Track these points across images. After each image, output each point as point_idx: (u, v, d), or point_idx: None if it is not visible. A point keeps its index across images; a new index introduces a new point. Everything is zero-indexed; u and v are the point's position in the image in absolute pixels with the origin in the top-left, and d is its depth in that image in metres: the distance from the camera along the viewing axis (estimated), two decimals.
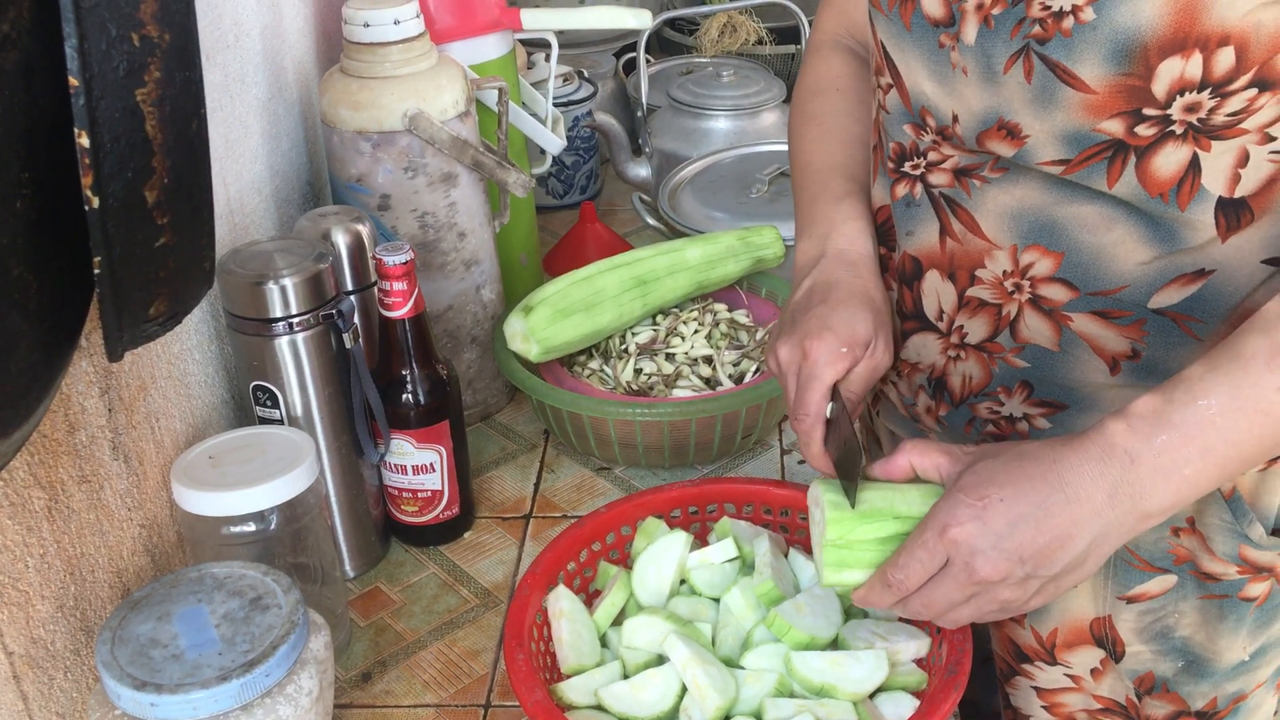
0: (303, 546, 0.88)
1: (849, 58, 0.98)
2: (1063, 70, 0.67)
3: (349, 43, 1.08)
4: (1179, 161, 0.69)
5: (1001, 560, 0.67)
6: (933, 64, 0.75)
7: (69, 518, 0.77)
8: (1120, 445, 0.65)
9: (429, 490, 1.03)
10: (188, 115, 0.54)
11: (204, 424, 0.98)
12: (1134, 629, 0.85)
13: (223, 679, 0.69)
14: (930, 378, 0.87)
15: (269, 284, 0.91)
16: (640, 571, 0.87)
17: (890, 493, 0.75)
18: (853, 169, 0.91)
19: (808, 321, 0.81)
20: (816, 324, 0.81)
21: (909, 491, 0.75)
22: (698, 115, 1.63)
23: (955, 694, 0.74)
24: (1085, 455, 0.66)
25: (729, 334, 1.22)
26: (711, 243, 1.25)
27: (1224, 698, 0.87)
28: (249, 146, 1.08)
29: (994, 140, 0.74)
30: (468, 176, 1.13)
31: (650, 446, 1.11)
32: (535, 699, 0.75)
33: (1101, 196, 0.72)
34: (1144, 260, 0.73)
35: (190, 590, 0.76)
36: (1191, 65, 0.64)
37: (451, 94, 1.09)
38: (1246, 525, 0.80)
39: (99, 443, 0.81)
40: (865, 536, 0.74)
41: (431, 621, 0.98)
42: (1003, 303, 0.79)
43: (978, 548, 0.67)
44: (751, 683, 0.79)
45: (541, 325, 1.12)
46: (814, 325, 0.81)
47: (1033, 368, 0.80)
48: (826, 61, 0.98)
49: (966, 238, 0.79)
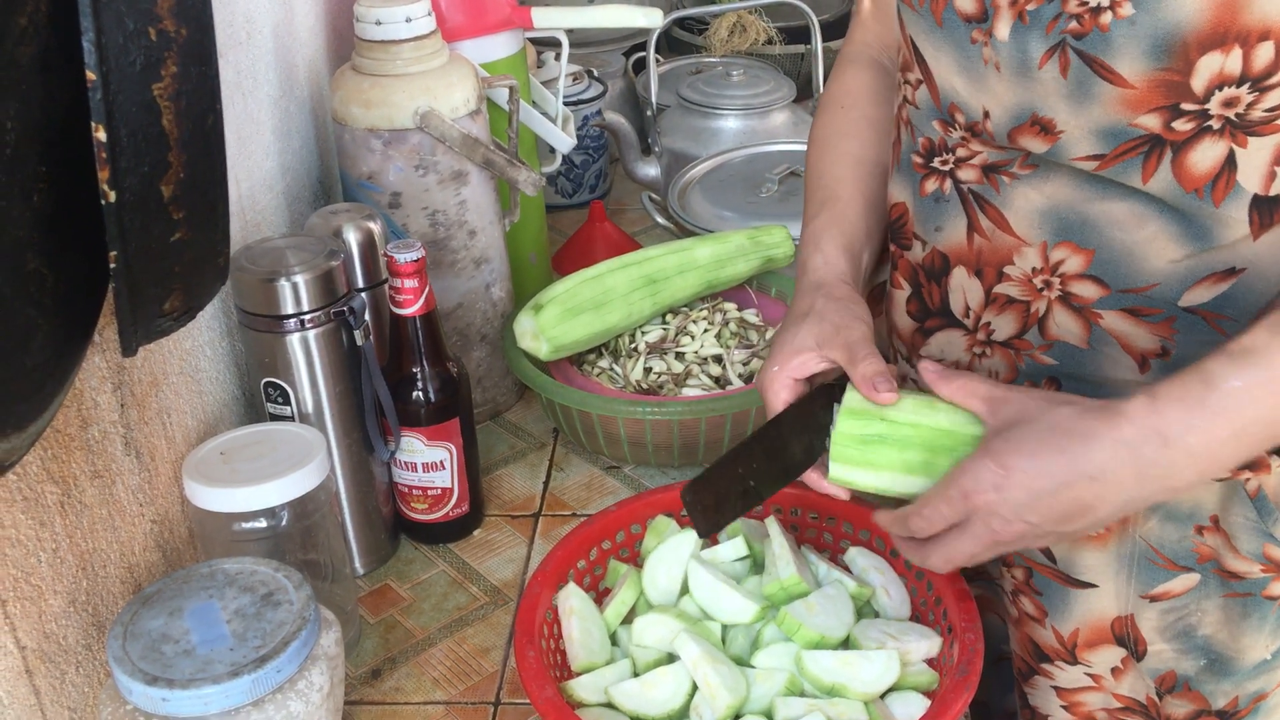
0: (313, 543, 0.88)
1: (864, 73, 0.98)
2: (1100, 65, 0.67)
3: (360, 40, 1.08)
4: (1215, 157, 0.69)
5: (1019, 524, 0.70)
6: (964, 59, 0.75)
7: (81, 512, 0.77)
8: (1154, 428, 0.66)
9: (439, 488, 1.03)
10: (204, 110, 0.54)
11: (215, 420, 0.98)
12: (1156, 628, 0.85)
13: (234, 674, 0.69)
14: None
15: (280, 281, 0.91)
16: (651, 570, 0.87)
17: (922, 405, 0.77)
18: (834, 187, 0.93)
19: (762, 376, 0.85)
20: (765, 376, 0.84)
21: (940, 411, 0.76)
22: (707, 115, 1.62)
23: (967, 694, 0.74)
24: (1118, 437, 0.67)
25: (739, 333, 1.22)
26: (721, 242, 1.24)
27: (1245, 696, 0.86)
28: (261, 143, 1.08)
29: (1026, 136, 0.74)
30: (478, 175, 1.13)
31: (660, 445, 1.11)
32: (546, 696, 0.75)
33: (1134, 193, 0.72)
34: (1176, 258, 0.73)
35: (202, 586, 0.76)
36: (1231, 60, 0.64)
37: (462, 92, 1.09)
38: (1272, 524, 0.80)
39: (111, 438, 0.81)
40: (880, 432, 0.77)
41: (441, 619, 0.98)
42: (1031, 300, 0.79)
43: (997, 513, 0.70)
44: (762, 681, 0.78)
45: (551, 324, 1.12)
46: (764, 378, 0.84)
47: (1061, 365, 0.80)
48: (840, 78, 1.00)
49: (995, 234, 0.79)
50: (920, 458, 0.76)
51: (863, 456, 0.77)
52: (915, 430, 0.76)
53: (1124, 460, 0.67)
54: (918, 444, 0.76)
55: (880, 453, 0.77)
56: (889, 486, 0.78)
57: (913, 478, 0.77)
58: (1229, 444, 0.66)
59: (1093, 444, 0.67)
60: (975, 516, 0.71)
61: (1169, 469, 0.67)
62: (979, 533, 0.71)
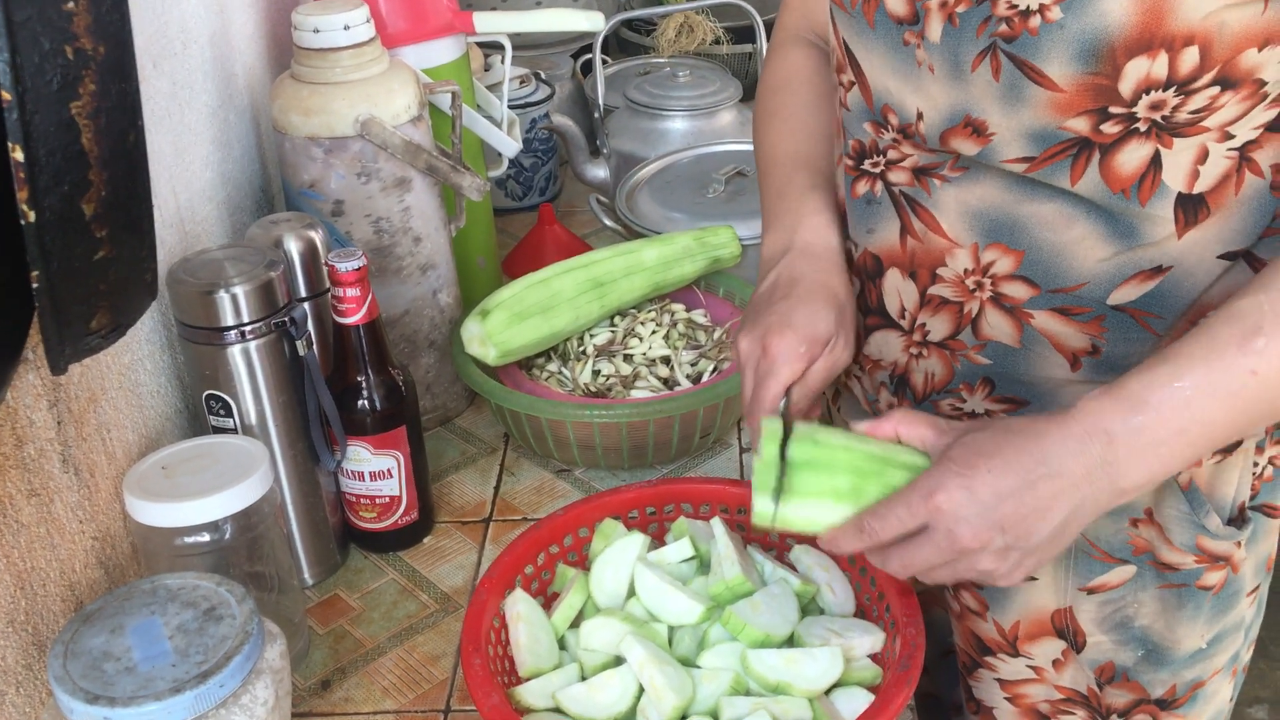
0: (259, 555, 0.87)
1: (811, 52, 0.98)
2: (1030, 69, 0.68)
3: (299, 48, 1.08)
4: (1141, 158, 0.70)
5: (984, 529, 0.68)
6: (897, 61, 0.76)
7: (18, 532, 0.77)
8: (1100, 425, 0.67)
9: (387, 496, 1.02)
10: (124, 127, 0.54)
11: (157, 434, 0.97)
12: (1094, 619, 0.86)
13: (176, 690, 0.69)
14: (892, 375, 0.88)
15: (220, 292, 0.90)
16: (598, 573, 0.88)
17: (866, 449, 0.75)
18: (817, 161, 0.92)
19: (769, 316, 0.82)
20: (778, 320, 0.81)
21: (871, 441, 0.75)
22: (654, 116, 1.63)
23: (908, 688, 0.75)
24: (1067, 433, 0.68)
25: (687, 334, 1.23)
26: (668, 243, 1.25)
27: (1183, 685, 0.88)
28: (199, 154, 1.07)
29: (958, 138, 0.74)
30: (422, 181, 1.13)
31: (609, 448, 1.11)
32: (492, 703, 0.75)
33: (1063, 194, 0.73)
34: (1103, 257, 0.74)
35: (143, 602, 0.76)
36: (1158, 65, 0.65)
37: (404, 98, 1.09)
38: (1203, 515, 0.81)
39: (48, 455, 0.80)
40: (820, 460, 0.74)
41: (391, 628, 0.98)
42: (964, 301, 0.80)
43: (962, 516, 0.68)
44: (708, 682, 0.79)
45: (499, 329, 1.12)
46: (775, 321, 0.81)
47: (994, 364, 0.81)
48: (788, 57, 0.99)
49: (927, 236, 0.80)
50: (849, 483, 0.73)
51: (788, 483, 0.74)
52: (847, 455, 0.74)
53: (1073, 454, 0.67)
54: (847, 469, 0.73)
55: (807, 479, 0.74)
56: (812, 518, 0.74)
57: (840, 505, 0.73)
58: (1171, 442, 0.67)
59: (1045, 440, 0.68)
60: (939, 523, 0.69)
61: (1115, 466, 0.67)
62: (940, 541, 0.69)
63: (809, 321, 0.81)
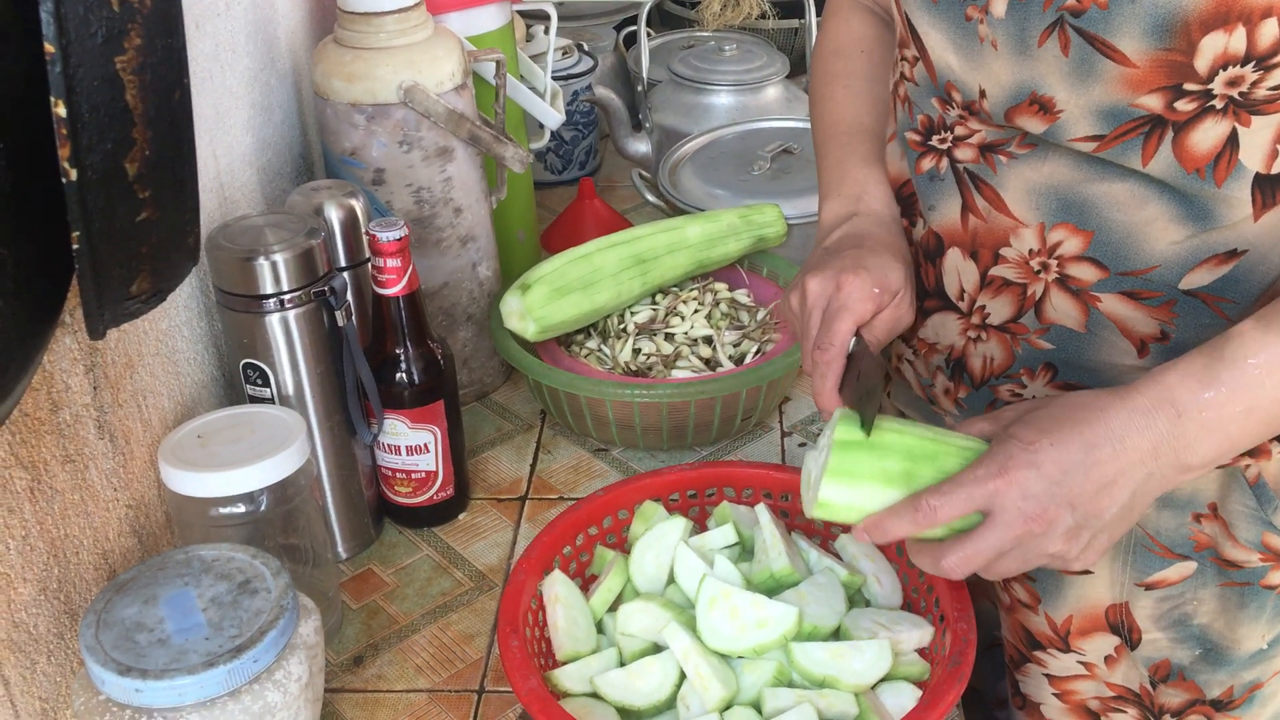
0: (294, 528, 0.86)
1: (870, 18, 0.96)
2: (1102, 43, 0.66)
3: (343, 12, 1.06)
4: (1217, 137, 0.67)
5: (1052, 506, 0.66)
6: (959, 37, 0.73)
7: (52, 498, 0.75)
8: (1167, 399, 0.66)
9: (423, 471, 1.01)
10: (170, 84, 0.52)
11: (193, 402, 0.96)
12: (1151, 616, 0.84)
13: (209, 665, 0.67)
14: (949, 359, 0.85)
15: (259, 260, 0.88)
16: (638, 557, 0.86)
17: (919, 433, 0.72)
18: (880, 132, 0.91)
19: (842, 259, 0.81)
20: (852, 262, 0.80)
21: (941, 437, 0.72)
22: (699, 90, 1.60)
23: (959, 685, 0.73)
24: (1133, 408, 0.66)
25: (729, 314, 1.20)
26: (712, 220, 1.22)
27: (1240, 686, 0.85)
28: (239, 118, 1.05)
29: (1024, 116, 0.72)
30: (464, 151, 1.10)
31: (648, 428, 1.09)
32: (530, 687, 0.73)
33: (1134, 174, 0.70)
34: (1176, 239, 0.72)
35: (177, 573, 0.74)
36: (1235, 39, 0.63)
37: (448, 66, 1.07)
38: (1271, 512, 0.78)
39: (83, 421, 0.79)
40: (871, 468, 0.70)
41: (425, 605, 0.96)
42: (1028, 282, 0.78)
43: (1031, 491, 0.66)
44: (749, 672, 0.77)
45: (539, 303, 1.10)
46: (849, 263, 0.80)
47: (1058, 349, 0.79)
48: (848, 22, 0.97)
49: (991, 215, 0.77)
50: (900, 467, 0.70)
51: (839, 465, 0.71)
52: (899, 438, 0.71)
53: (1140, 428, 0.66)
54: (899, 452, 0.70)
55: (853, 459, 0.70)
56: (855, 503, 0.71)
57: (889, 490, 0.70)
58: (1241, 420, 0.66)
59: (1108, 412, 0.66)
60: (1006, 502, 0.66)
61: (1182, 440, 0.66)
62: (1011, 522, 0.66)
63: (881, 268, 0.80)
